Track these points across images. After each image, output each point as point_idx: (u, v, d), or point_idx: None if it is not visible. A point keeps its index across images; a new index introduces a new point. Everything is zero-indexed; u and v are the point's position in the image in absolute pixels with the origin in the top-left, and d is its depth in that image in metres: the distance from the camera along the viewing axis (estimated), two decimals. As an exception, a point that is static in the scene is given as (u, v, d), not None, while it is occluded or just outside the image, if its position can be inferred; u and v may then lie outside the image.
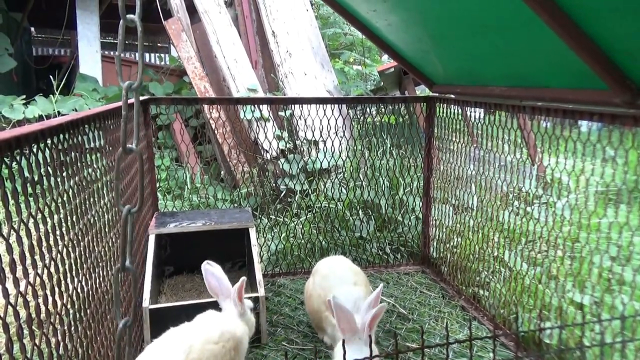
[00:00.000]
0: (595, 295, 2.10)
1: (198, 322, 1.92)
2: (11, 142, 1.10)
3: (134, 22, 0.91)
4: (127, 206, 0.93)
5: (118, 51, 0.95)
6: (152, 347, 1.72)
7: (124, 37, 0.93)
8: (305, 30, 5.10)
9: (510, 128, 2.51)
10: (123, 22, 0.90)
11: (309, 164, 4.29)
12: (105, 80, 7.39)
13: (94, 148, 1.74)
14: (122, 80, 0.92)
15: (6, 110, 5.21)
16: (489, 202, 2.69)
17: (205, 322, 1.91)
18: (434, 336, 2.55)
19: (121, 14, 0.89)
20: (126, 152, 0.92)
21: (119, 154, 0.93)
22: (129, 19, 0.90)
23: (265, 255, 3.46)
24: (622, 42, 1.53)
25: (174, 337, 1.76)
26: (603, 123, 1.84)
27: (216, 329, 1.84)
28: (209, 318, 1.96)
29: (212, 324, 1.89)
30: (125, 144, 0.92)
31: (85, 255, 1.55)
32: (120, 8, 0.89)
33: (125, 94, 0.93)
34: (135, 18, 0.90)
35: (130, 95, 0.93)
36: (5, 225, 1.07)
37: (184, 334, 1.78)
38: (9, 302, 1.05)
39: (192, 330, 1.82)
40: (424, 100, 3.38)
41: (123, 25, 0.91)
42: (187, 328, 1.84)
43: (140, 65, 0.94)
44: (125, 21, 0.90)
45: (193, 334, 1.77)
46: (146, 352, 1.69)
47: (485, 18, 2.01)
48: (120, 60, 0.97)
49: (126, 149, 0.92)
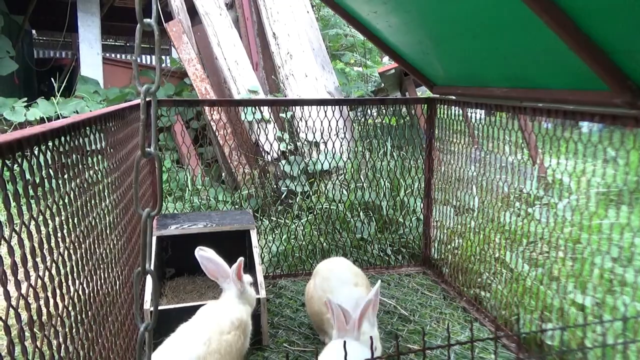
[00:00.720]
0: (596, 296, 2.10)
1: (205, 314, 1.96)
2: (13, 144, 1.10)
3: (151, 27, 0.91)
4: (147, 210, 0.92)
5: (135, 55, 0.95)
6: (169, 342, 1.76)
7: (141, 40, 0.92)
8: (306, 32, 5.10)
9: (511, 129, 2.50)
10: (140, 27, 0.90)
11: (310, 166, 4.29)
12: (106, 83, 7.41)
13: (95, 150, 1.74)
14: (140, 84, 0.92)
15: (8, 113, 5.22)
16: (490, 203, 2.69)
17: (213, 314, 1.98)
18: (435, 337, 2.54)
19: (138, 18, 0.89)
20: (145, 155, 0.92)
21: (137, 157, 0.93)
22: (146, 23, 0.90)
23: (267, 257, 3.46)
24: (623, 42, 1.53)
25: (190, 332, 1.82)
26: (604, 124, 1.84)
27: (226, 319, 1.94)
28: (214, 309, 2.02)
29: (220, 315, 1.97)
30: (144, 148, 0.91)
31: (86, 257, 1.55)
32: (138, 13, 0.88)
33: (144, 98, 0.93)
34: (152, 22, 0.90)
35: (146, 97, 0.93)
36: (7, 227, 1.07)
37: (199, 328, 1.85)
38: (10, 304, 1.05)
39: (205, 323, 1.89)
40: (424, 102, 3.39)
41: (140, 29, 0.90)
42: (199, 322, 1.91)
43: (157, 69, 0.94)
44: (142, 25, 0.90)
45: (207, 326, 1.86)
46: (164, 346, 1.72)
47: (486, 19, 2.01)
48: (137, 64, 0.97)
49: (145, 152, 0.92)
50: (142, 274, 0.93)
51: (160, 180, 0.99)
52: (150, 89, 0.93)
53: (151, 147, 0.93)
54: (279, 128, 4.70)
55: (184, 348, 1.77)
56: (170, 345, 1.80)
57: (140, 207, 0.95)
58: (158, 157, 0.94)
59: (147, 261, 0.92)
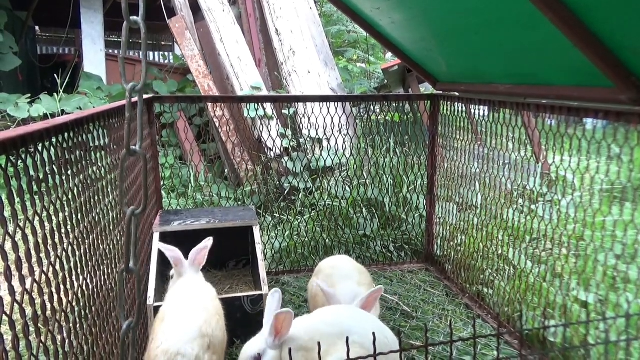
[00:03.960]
0: (600, 293, 2.09)
1: (182, 293, 2.05)
2: (17, 140, 1.11)
3: (138, 24, 0.90)
4: (131, 207, 0.92)
5: (122, 53, 0.95)
6: (169, 323, 1.76)
7: (128, 38, 0.92)
8: (309, 28, 5.09)
9: (514, 126, 2.50)
10: (127, 24, 0.90)
11: (313, 162, 4.29)
12: (109, 79, 7.42)
13: (98, 146, 1.75)
14: (126, 82, 0.92)
15: (11, 109, 5.23)
16: (493, 200, 2.68)
17: (194, 290, 2.07)
18: (437, 334, 2.55)
19: (125, 15, 0.89)
20: (130, 153, 0.92)
21: (122, 156, 0.93)
22: (132, 21, 0.90)
23: (269, 253, 3.47)
24: (628, 39, 1.52)
25: (181, 307, 1.89)
26: (608, 121, 1.83)
27: (206, 290, 2.07)
28: (188, 286, 2.11)
29: (200, 289, 2.07)
30: (129, 145, 0.92)
31: (90, 253, 1.56)
32: (124, 9, 0.89)
33: (129, 95, 0.92)
34: (138, 20, 0.90)
35: (134, 95, 0.93)
36: (12, 223, 1.08)
37: (188, 302, 1.93)
38: (15, 299, 1.06)
39: (189, 297, 1.98)
40: (428, 98, 3.38)
41: (127, 27, 0.90)
42: (183, 299, 1.98)
43: (144, 66, 0.94)
44: (128, 23, 0.90)
45: (195, 298, 1.96)
46: (166, 329, 1.72)
47: (489, 15, 2.00)
48: (124, 61, 0.97)
49: (130, 150, 0.92)
50: (126, 271, 0.93)
51: (146, 179, 0.98)
52: (136, 87, 0.93)
53: (137, 146, 0.93)
54: (282, 124, 4.70)
55: (187, 319, 1.79)
56: (171, 325, 1.79)
57: (125, 205, 0.95)
58: (144, 155, 0.94)
59: (130, 259, 0.92)
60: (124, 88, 0.92)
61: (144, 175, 0.96)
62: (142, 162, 0.95)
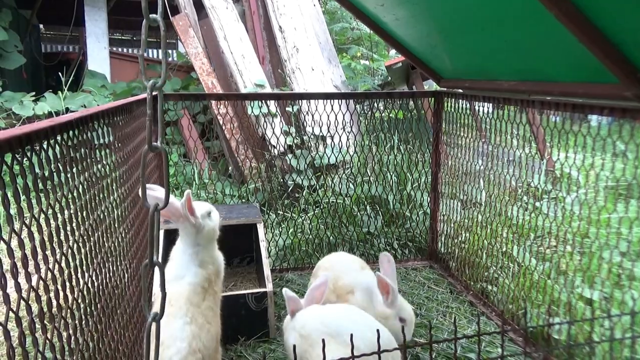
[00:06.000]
0: (604, 290, 2.09)
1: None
2: (22, 138, 1.11)
3: (157, 22, 0.91)
4: (155, 203, 0.94)
5: (141, 50, 0.95)
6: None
7: (147, 36, 0.93)
8: (312, 26, 5.08)
9: (519, 122, 2.49)
10: (146, 22, 0.90)
11: (317, 160, 4.29)
12: (113, 77, 7.43)
13: (103, 144, 1.75)
14: (146, 79, 0.93)
15: (16, 107, 5.25)
16: (497, 197, 2.68)
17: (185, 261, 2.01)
18: (442, 331, 2.55)
19: (144, 13, 0.89)
20: (152, 149, 0.93)
21: (144, 151, 0.93)
22: (152, 19, 0.90)
23: (273, 251, 3.47)
24: (632, 34, 1.51)
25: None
26: (613, 117, 1.82)
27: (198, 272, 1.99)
28: (179, 259, 2.02)
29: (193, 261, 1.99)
30: (150, 141, 0.92)
31: (95, 250, 1.56)
32: (144, 8, 0.88)
33: (150, 92, 0.93)
34: (157, 18, 0.90)
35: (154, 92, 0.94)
36: (17, 221, 1.08)
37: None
38: (21, 296, 1.07)
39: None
40: (431, 95, 3.37)
41: (146, 24, 0.91)
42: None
43: (164, 64, 0.94)
44: (148, 21, 0.90)
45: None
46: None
47: (493, 12, 1.99)
48: (143, 59, 0.97)
49: (152, 146, 0.93)
50: (150, 266, 0.94)
51: (167, 174, 0.99)
52: (156, 84, 0.93)
53: (158, 142, 0.94)
54: (286, 122, 4.70)
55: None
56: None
57: (147, 201, 0.96)
58: (165, 151, 0.94)
59: (154, 253, 0.93)
60: (145, 85, 0.93)
61: (165, 171, 0.98)
62: (164, 158, 0.96)
